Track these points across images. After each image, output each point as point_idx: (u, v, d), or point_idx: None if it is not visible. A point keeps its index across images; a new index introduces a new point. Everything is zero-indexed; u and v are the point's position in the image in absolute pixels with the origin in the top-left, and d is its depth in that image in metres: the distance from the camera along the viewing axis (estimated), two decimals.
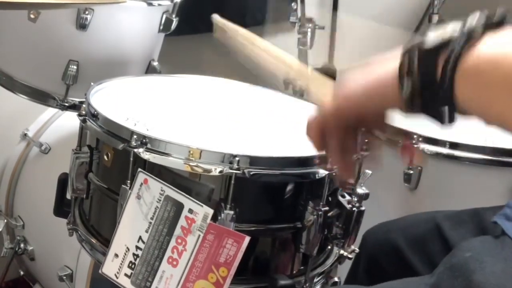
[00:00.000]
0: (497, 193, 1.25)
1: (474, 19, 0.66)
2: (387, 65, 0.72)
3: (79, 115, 1.01)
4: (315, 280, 1.00)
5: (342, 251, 1.01)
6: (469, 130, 0.97)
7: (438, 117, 0.69)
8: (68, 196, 1.09)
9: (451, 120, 0.68)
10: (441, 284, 0.83)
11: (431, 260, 1.05)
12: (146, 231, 0.90)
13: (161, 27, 1.43)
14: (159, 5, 1.41)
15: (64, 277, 1.37)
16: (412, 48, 0.69)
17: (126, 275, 0.92)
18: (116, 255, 0.93)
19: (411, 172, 1.30)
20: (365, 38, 1.05)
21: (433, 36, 0.68)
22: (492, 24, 0.65)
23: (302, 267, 0.99)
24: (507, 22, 0.66)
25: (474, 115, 0.67)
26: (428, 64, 0.67)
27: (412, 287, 0.88)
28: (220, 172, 0.87)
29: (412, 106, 0.69)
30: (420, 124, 0.76)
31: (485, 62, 0.64)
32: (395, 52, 0.73)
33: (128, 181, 0.92)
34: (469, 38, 0.65)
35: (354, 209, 0.96)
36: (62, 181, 1.09)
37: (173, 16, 1.43)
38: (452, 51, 0.65)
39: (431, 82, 0.67)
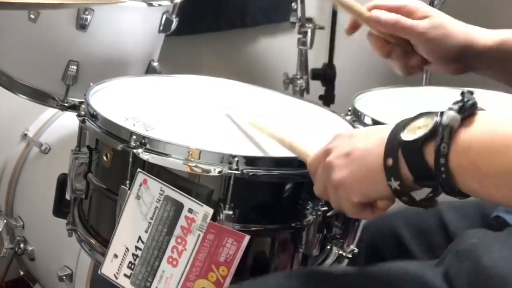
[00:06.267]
0: None
1: (449, 111, 0.66)
2: (370, 160, 0.73)
3: (78, 115, 1.01)
4: None
5: (341, 251, 1.01)
6: None
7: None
8: (67, 196, 1.09)
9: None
10: (450, 271, 0.82)
11: (433, 251, 1.04)
12: (146, 231, 0.90)
13: (161, 28, 1.43)
14: (159, 5, 1.41)
15: (64, 277, 1.37)
16: (393, 146, 0.69)
17: (125, 275, 0.92)
18: (116, 256, 0.93)
19: None
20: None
21: (408, 132, 0.69)
22: (466, 112, 0.66)
23: (301, 267, 0.98)
24: (477, 107, 0.67)
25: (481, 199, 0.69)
26: (416, 159, 0.68)
27: (419, 270, 0.86)
28: (219, 172, 0.87)
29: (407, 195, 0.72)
30: None
31: (478, 151, 0.64)
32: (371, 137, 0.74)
33: (127, 182, 0.92)
34: (452, 128, 0.66)
35: None
36: (61, 182, 1.09)
37: (173, 16, 1.43)
38: (439, 143, 0.66)
39: (426, 175, 0.68)
